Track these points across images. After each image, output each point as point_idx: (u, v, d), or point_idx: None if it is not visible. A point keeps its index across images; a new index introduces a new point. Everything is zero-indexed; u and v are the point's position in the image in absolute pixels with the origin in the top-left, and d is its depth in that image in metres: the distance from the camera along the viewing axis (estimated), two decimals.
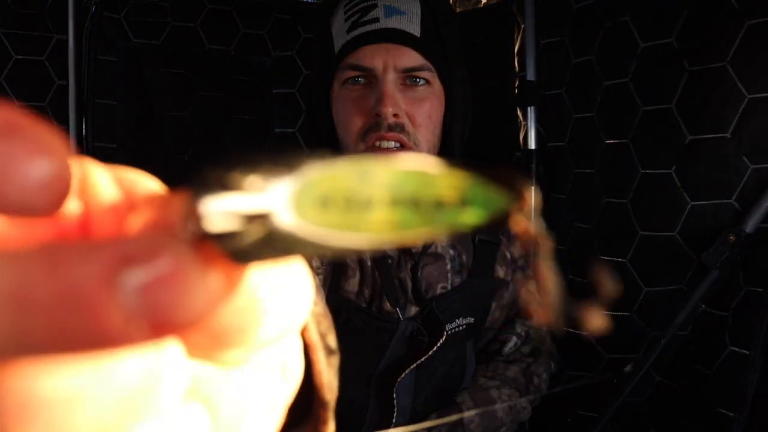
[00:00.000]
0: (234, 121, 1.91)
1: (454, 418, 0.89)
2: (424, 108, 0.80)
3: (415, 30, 0.76)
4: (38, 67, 1.67)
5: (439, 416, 0.92)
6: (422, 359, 0.86)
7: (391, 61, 0.77)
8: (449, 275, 0.95)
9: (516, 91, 1.62)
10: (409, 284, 0.92)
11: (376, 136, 0.78)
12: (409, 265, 0.92)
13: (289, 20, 1.94)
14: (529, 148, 1.58)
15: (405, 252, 0.92)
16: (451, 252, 0.96)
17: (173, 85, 1.81)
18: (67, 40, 1.70)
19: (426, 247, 0.93)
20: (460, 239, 0.98)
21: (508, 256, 1.03)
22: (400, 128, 0.78)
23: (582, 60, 1.43)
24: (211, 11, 1.86)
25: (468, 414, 0.91)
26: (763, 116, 1.12)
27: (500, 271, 1.01)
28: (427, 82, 0.81)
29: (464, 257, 0.97)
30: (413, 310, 0.92)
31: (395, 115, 0.78)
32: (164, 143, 1.82)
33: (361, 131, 0.80)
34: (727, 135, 1.16)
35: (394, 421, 0.87)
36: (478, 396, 0.96)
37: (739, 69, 1.13)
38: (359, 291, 0.89)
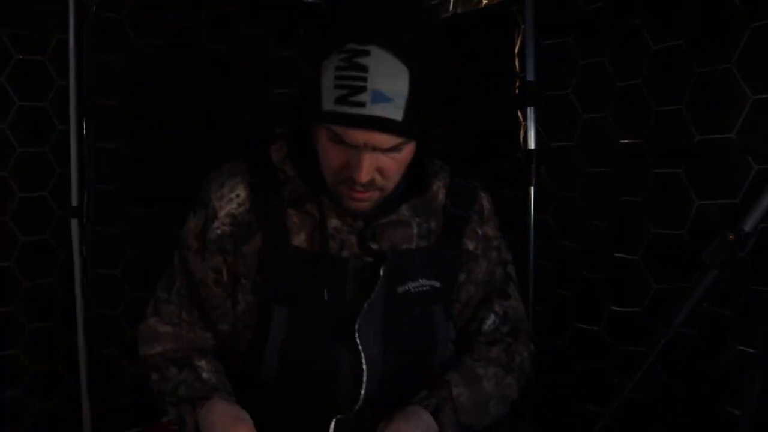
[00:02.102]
0: (234, 121, 1.91)
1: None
2: (397, 162, 0.87)
3: (398, 115, 0.80)
4: (39, 67, 1.67)
5: (430, 392, 0.95)
6: (372, 296, 0.92)
7: (371, 143, 0.82)
8: (415, 238, 0.99)
9: (516, 91, 1.62)
10: (371, 247, 0.96)
11: (350, 187, 0.87)
12: (371, 233, 0.97)
13: (289, 20, 1.94)
14: (529, 148, 1.58)
15: (366, 222, 0.96)
16: (417, 219, 1.00)
17: (174, 84, 1.82)
18: (67, 40, 1.70)
19: (386, 214, 0.97)
20: (428, 210, 1.02)
21: (480, 233, 1.06)
22: (371, 184, 0.87)
23: (592, 62, 1.44)
24: (211, 11, 1.86)
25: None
26: (767, 117, 1.12)
27: (470, 245, 1.04)
28: (406, 145, 0.86)
29: (432, 224, 1.01)
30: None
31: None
32: (164, 143, 1.82)
33: (338, 177, 0.88)
34: (732, 135, 1.17)
35: (365, 368, 0.91)
36: (465, 373, 0.99)
37: (743, 70, 1.13)
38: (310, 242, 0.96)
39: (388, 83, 0.79)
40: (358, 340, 0.92)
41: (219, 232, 0.97)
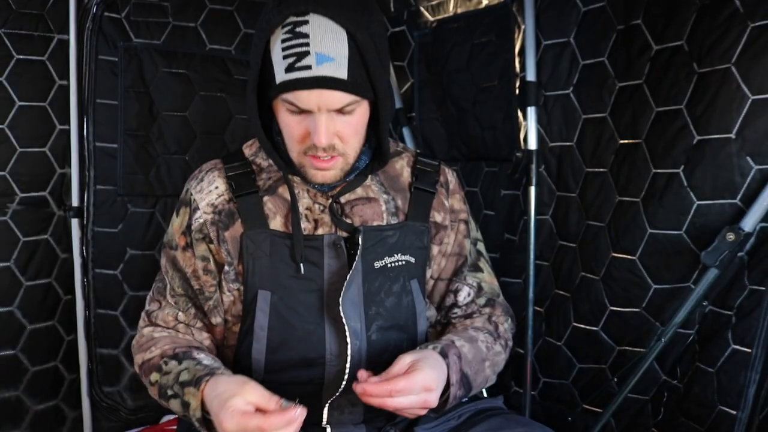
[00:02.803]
0: (234, 121, 1.91)
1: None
2: (352, 125, 0.93)
3: (343, 74, 0.87)
4: (40, 66, 1.67)
5: (435, 343, 0.97)
6: (353, 266, 0.96)
7: (324, 104, 0.88)
8: (384, 215, 1.03)
9: (517, 91, 1.62)
10: (343, 221, 1.01)
11: (313, 155, 0.93)
12: (339, 210, 1.01)
13: None
14: (530, 148, 1.58)
15: (335, 198, 1.01)
16: (385, 196, 1.05)
17: (174, 85, 1.82)
18: (68, 40, 1.70)
19: (353, 187, 1.02)
20: (395, 187, 1.06)
21: (446, 204, 1.09)
22: (331, 149, 0.93)
23: (592, 62, 1.44)
24: (211, 11, 1.86)
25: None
26: (766, 117, 1.13)
27: (438, 217, 1.08)
28: (357, 106, 0.92)
29: (399, 202, 1.06)
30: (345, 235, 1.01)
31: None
32: (165, 143, 1.83)
33: (300, 147, 0.94)
34: (732, 136, 1.17)
35: (349, 342, 0.94)
36: (462, 333, 1.02)
37: (743, 70, 1.14)
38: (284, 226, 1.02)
39: (329, 45, 0.86)
40: (342, 314, 0.94)
41: (201, 220, 1.01)
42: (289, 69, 0.87)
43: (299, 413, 0.78)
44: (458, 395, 0.94)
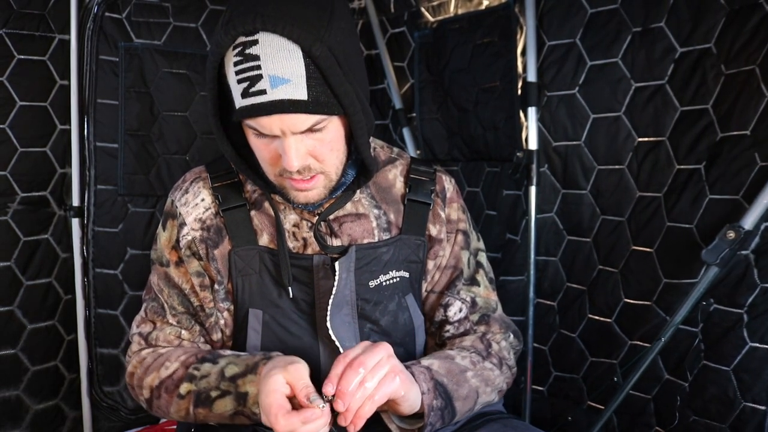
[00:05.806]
0: None
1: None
2: (326, 143, 0.86)
3: (302, 94, 0.80)
4: (40, 66, 1.68)
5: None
6: (333, 292, 0.91)
7: (287, 128, 0.82)
8: (376, 231, 0.98)
9: (519, 92, 1.63)
10: (330, 240, 0.96)
11: (289, 177, 0.87)
12: (327, 228, 0.96)
13: None
14: (531, 148, 1.59)
15: (321, 215, 0.95)
16: (376, 211, 0.99)
17: (174, 85, 1.82)
18: (69, 41, 1.71)
19: (339, 205, 0.96)
20: (387, 200, 1.01)
21: (443, 215, 1.03)
22: (307, 170, 0.86)
23: (603, 62, 1.45)
24: (212, 12, 1.87)
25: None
26: None
27: (433, 230, 1.02)
28: (326, 123, 0.85)
29: (392, 216, 1.00)
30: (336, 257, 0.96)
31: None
32: (165, 143, 1.83)
33: (274, 169, 0.88)
34: (747, 132, 1.19)
35: None
36: (436, 355, 0.95)
37: (765, 71, 1.16)
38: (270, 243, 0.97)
39: (283, 65, 0.79)
40: (333, 336, 0.90)
41: (189, 237, 0.96)
42: (245, 94, 0.80)
43: (316, 414, 0.75)
44: (435, 405, 0.86)
